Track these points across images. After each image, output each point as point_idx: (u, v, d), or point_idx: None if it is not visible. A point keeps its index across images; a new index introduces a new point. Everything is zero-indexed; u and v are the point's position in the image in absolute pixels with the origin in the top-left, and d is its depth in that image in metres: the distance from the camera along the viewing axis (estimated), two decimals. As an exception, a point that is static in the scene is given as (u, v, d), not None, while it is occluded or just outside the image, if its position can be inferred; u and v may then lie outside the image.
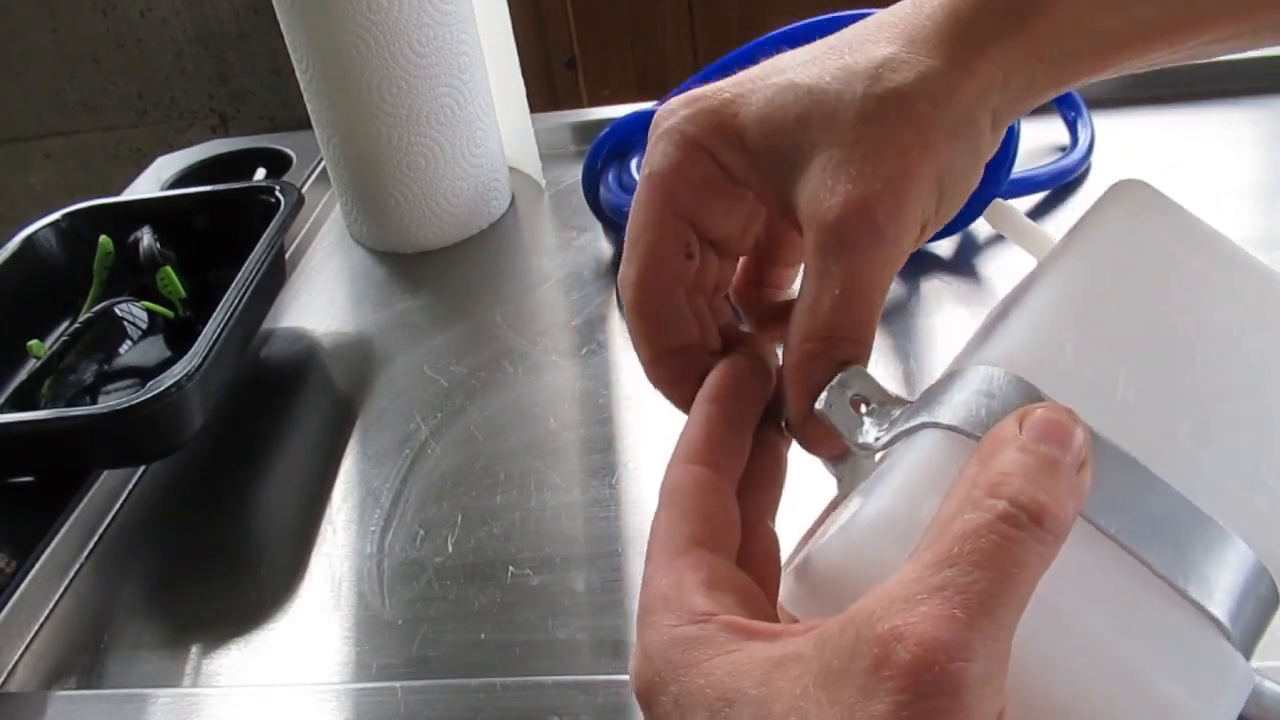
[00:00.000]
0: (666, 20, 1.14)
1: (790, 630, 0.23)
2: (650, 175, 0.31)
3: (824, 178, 0.28)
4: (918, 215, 0.28)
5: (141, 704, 0.44)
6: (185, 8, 1.17)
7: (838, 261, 0.27)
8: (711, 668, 0.23)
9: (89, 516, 0.55)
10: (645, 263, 0.31)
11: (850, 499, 0.27)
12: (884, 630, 0.20)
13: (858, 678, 0.20)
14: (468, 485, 0.53)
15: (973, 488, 0.22)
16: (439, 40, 0.67)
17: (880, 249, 0.27)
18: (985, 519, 0.21)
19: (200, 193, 0.72)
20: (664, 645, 0.24)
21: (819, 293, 0.28)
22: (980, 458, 0.22)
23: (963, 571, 0.20)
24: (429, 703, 0.41)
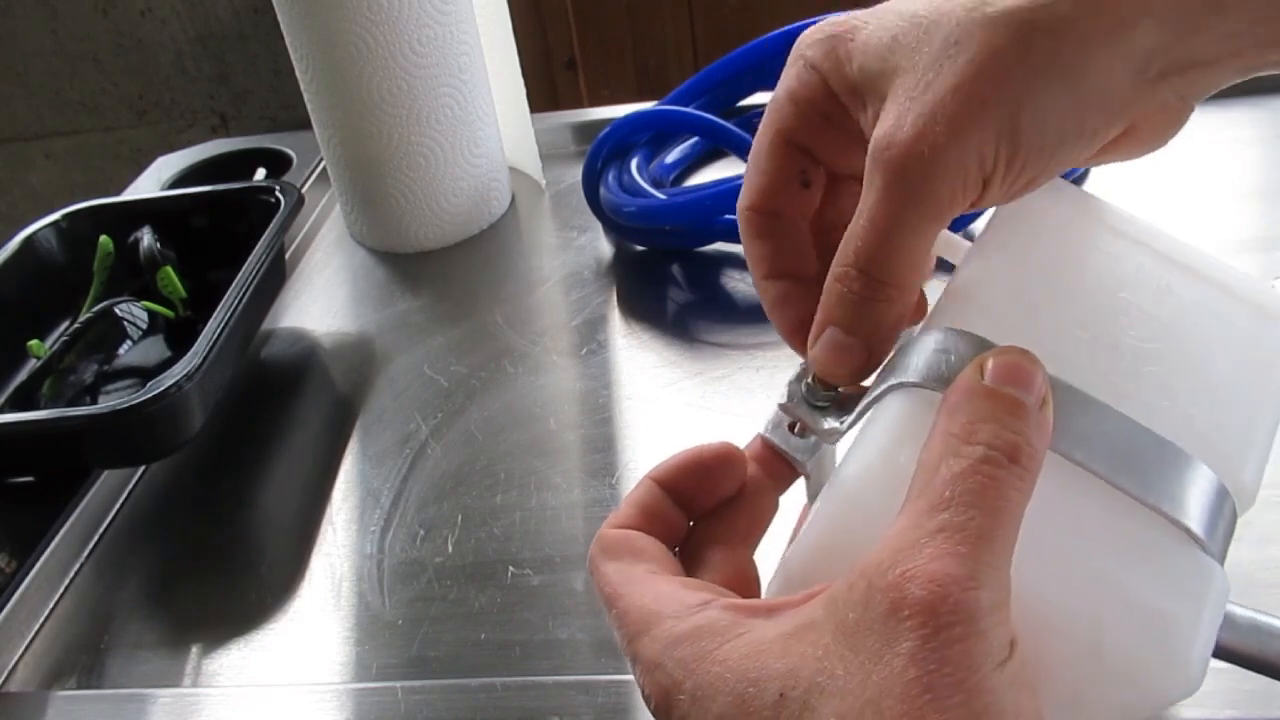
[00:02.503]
0: (666, 20, 1.14)
1: (789, 603, 0.24)
2: (770, 102, 0.30)
3: (889, 104, 0.26)
4: (974, 165, 0.25)
5: (141, 704, 0.44)
6: (185, 8, 1.17)
7: (873, 192, 0.26)
8: (725, 654, 0.23)
9: (89, 516, 0.55)
10: (754, 186, 0.31)
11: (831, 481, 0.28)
12: (895, 576, 0.21)
13: (876, 625, 0.21)
14: (468, 485, 0.53)
15: (949, 437, 0.23)
16: (439, 40, 0.67)
17: (913, 188, 0.26)
18: (966, 464, 0.22)
19: (200, 193, 0.72)
20: (668, 647, 0.24)
21: (855, 221, 0.27)
22: (949, 408, 0.23)
23: (957, 513, 0.21)
24: (429, 703, 0.41)
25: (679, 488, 0.29)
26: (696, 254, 0.67)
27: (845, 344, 0.28)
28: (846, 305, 0.27)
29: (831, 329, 0.28)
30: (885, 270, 0.27)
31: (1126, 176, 0.65)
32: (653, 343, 0.61)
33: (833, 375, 0.28)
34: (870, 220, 0.26)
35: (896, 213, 0.26)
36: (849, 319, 0.27)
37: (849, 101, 0.29)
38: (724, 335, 0.61)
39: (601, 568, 0.27)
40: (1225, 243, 0.59)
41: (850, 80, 0.28)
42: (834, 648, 0.21)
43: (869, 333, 0.27)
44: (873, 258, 0.27)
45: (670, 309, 0.65)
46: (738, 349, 0.59)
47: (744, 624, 0.23)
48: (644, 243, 0.69)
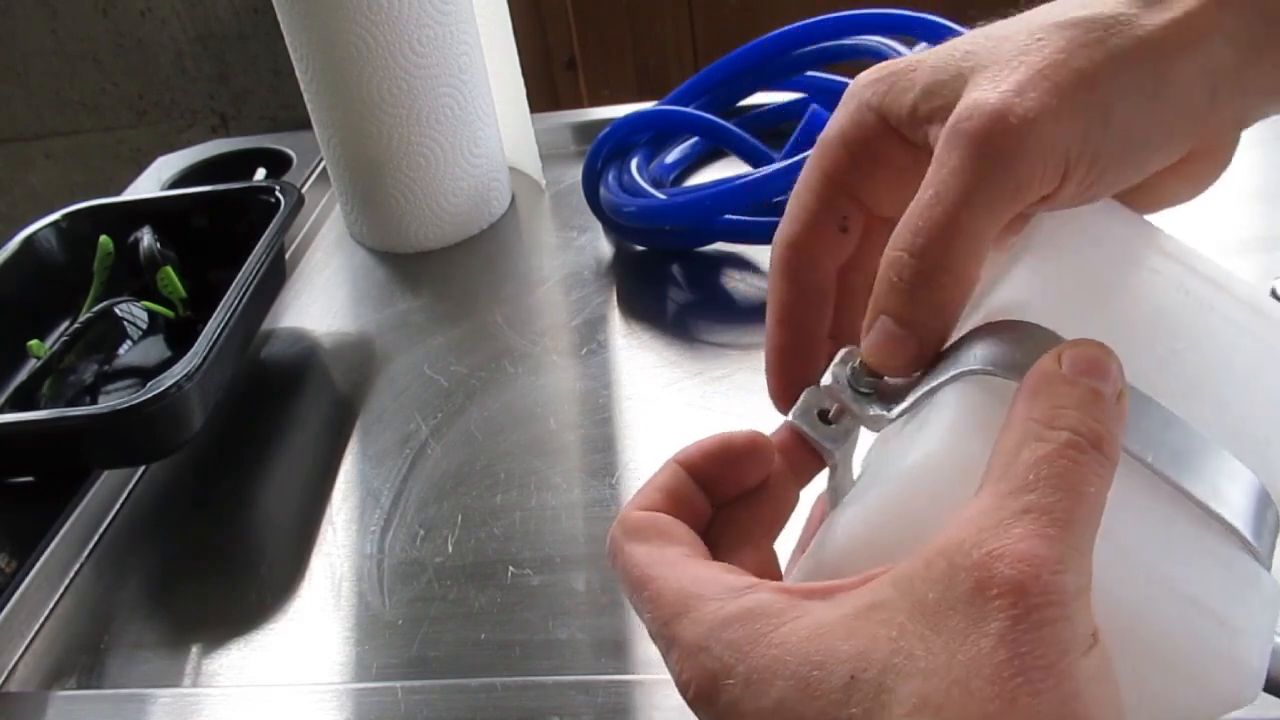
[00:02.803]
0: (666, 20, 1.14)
1: (844, 585, 0.23)
2: (818, 142, 0.30)
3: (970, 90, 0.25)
4: (1060, 150, 0.24)
5: (141, 704, 0.44)
6: (185, 8, 1.17)
7: (943, 167, 0.25)
8: (783, 636, 0.22)
9: (89, 516, 0.55)
10: (793, 223, 0.30)
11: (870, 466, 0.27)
12: (980, 555, 0.20)
13: (960, 604, 0.20)
14: (468, 485, 0.53)
15: (1030, 422, 0.22)
16: (439, 40, 0.67)
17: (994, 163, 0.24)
18: (1051, 448, 0.22)
19: (200, 193, 0.72)
20: (715, 629, 0.22)
21: (917, 201, 0.25)
22: (1028, 394, 0.23)
23: (1043, 495, 0.21)
24: (429, 703, 0.41)
25: (704, 474, 0.28)
26: (696, 254, 0.67)
27: (897, 335, 0.26)
28: (897, 294, 0.26)
29: (884, 319, 0.26)
30: (944, 256, 0.25)
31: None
32: (653, 343, 0.61)
33: (883, 365, 0.27)
34: (937, 196, 0.25)
35: (970, 189, 0.24)
36: (900, 308, 0.26)
37: (909, 129, 0.28)
38: (724, 335, 0.61)
39: (628, 550, 0.26)
40: (1225, 243, 0.59)
41: (911, 106, 0.27)
42: (911, 628, 0.20)
43: (921, 324, 0.26)
44: (932, 241, 0.25)
45: (670, 309, 0.65)
46: (738, 349, 0.59)
47: (800, 606, 0.22)
48: (644, 243, 0.69)
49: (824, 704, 0.20)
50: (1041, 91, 0.24)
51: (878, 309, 0.27)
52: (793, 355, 0.31)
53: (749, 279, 0.65)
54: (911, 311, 0.26)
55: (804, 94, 0.74)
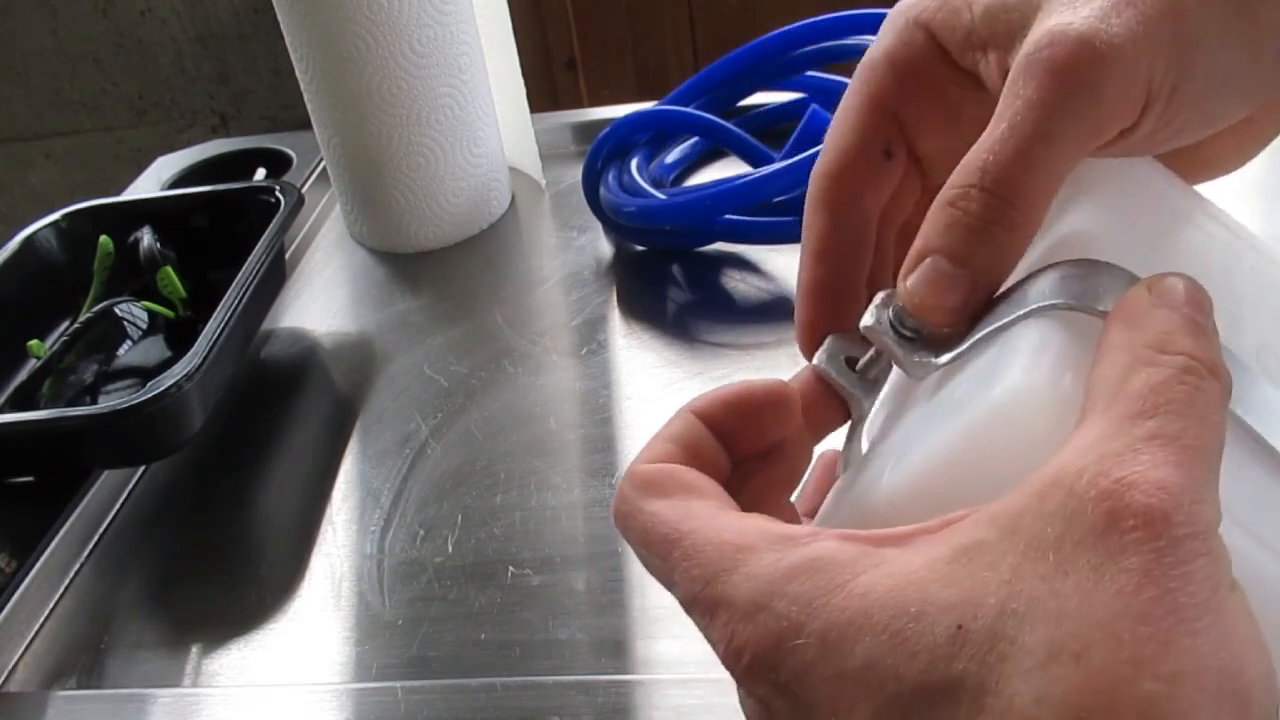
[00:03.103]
0: (666, 20, 1.14)
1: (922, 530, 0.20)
2: (862, 63, 0.28)
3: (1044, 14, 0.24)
4: (1142, 78, 0.23)
5: (141, 704, 0.44)
6: (185, 8, 1.17)
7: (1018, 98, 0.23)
8: (864, 586, 0.19)
9: (89, 516, 0.55)
10: (835, 151, 0.28)
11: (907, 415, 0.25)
12: (1109, 483, 0.18)
13: (1090, 539, 0.18)
14: (468, 485, 0.53)
15: (1137, 348, 0.20)
16: (439, 40, 0.67)
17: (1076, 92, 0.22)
18: (1169, 373, 0.20)
19: (200, 193, 0.72)
20: (776, 583, 0.20)
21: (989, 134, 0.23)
22: (1125, 321, 0.21)
23: (1168, 422, 0.19)
24: (429, 703, 0.41)
25: (722, 426, 0.26)
26: (696, 254, 0.67)
27: (950, 275, 0.24)
28: (958, 231, 0.23)
29: (935, 258, 0.24)
30: (1018, 191, 0.23)
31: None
32: (653, 343, 0.61)
33: (926, 309, 0.24)
34: (1012, 128, 0.23)
35: (1049, 122, 0.23)
36: (959, 247, 0.24)
37: (963, 54, 0.26)
38: (724, 335, 0.61)
39: (646, 507, 0.23)
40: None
41: (969, 28, 0.25)
42: (1028, 569, 0.18)
43: (981, 265, 0.24)
44: (1006, 174, 0.23)
45: (670, 309, 0.65)
46: (738, 349, 0.59)
47: (874, 554, 0.19)
48: (644, 243, 0.69)
49: (926, 660, 0.18)
50: (1127, 18, 0.22)
51: (929, 248, 0.24)
52: (827, 295, 0.28)
53: (749, 279, 0.65)
54: (972, 251, 0.24)
55: (804, 94, 0.74)
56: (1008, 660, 0.17)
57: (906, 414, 0.26)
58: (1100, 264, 0.23)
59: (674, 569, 0.22)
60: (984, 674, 0.17)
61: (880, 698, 0.18)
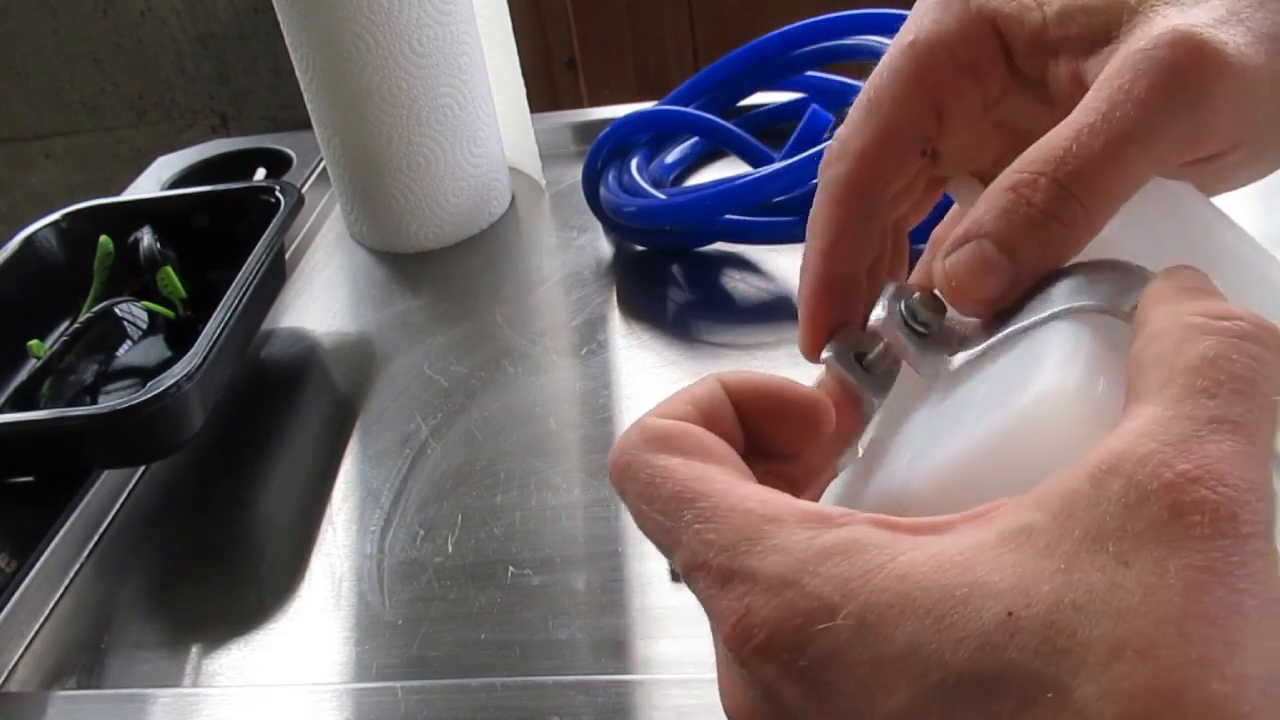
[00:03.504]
0: (666, 20, 1.14)
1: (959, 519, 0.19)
2: (913, 42, 0.25)
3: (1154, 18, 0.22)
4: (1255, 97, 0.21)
5: (141, 704, 0.44)
6: (185, 8, 1.17)
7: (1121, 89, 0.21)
8: (904, 568, 0.18)
9: (89, 516, 0.55)
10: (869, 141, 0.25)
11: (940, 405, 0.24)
12: (1174, 474, 0.17)
13: (1153, 531, 0.17)
14: (468, 485, 0.53)
15: (1187, 317, 0.19)
16: (439, 40, 0.67)
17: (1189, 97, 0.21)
18: (1229, 342, 0.18)
19: (200, 193, 0.72)
20: (810, 560, 0.18)
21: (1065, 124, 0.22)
22: (1161, 299, 0.20)
23: (1230, 404, 0.18)
24: (429, 703, 0.41)
25: (747, 412, 0.24)
26: (696, 254, 0.67)
27: (994, 263, 0.22)
28: (1015, 218, 0.22)
29: (981, 241, 0.22)
30: (1093, 189, 0.21)
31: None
32: (653, 343, 0.61)
33: (961, 295, 0.23)
34: (1108, 121, 0.21)
35: (1150, 124, 0.21)
36: (1010, 234, 0.22)
37: (1030, 57, 0.24)
38: (724, 335, 0.61)
39: (656, 460, 0.22)
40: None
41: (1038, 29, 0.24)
42: (1086, 559, 0.17)
43: (1027, 259, 0.22)
44: (1087, 168, 0.21)
45: (670, 309, 0.65)
46: (738, 349, 0.59)
47: (912, 539, 0.18)
48: (644, 243, 0.69)
49: (975, 647, 0.17)
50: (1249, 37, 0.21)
51: (979, 230, 0.23)
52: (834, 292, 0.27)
53: (749, 279, 0.65)
54: (1025, 243, 0.22)
55: (804, 94, 0.74)
56: (1068, 654, 0.16)
57: (917, 410, 0.25)
58: (1128, 265, 0.22)
59: (682, 530, 0.20)
60: (1039, 665, 0.16)
61: (921, 684, 0.17)
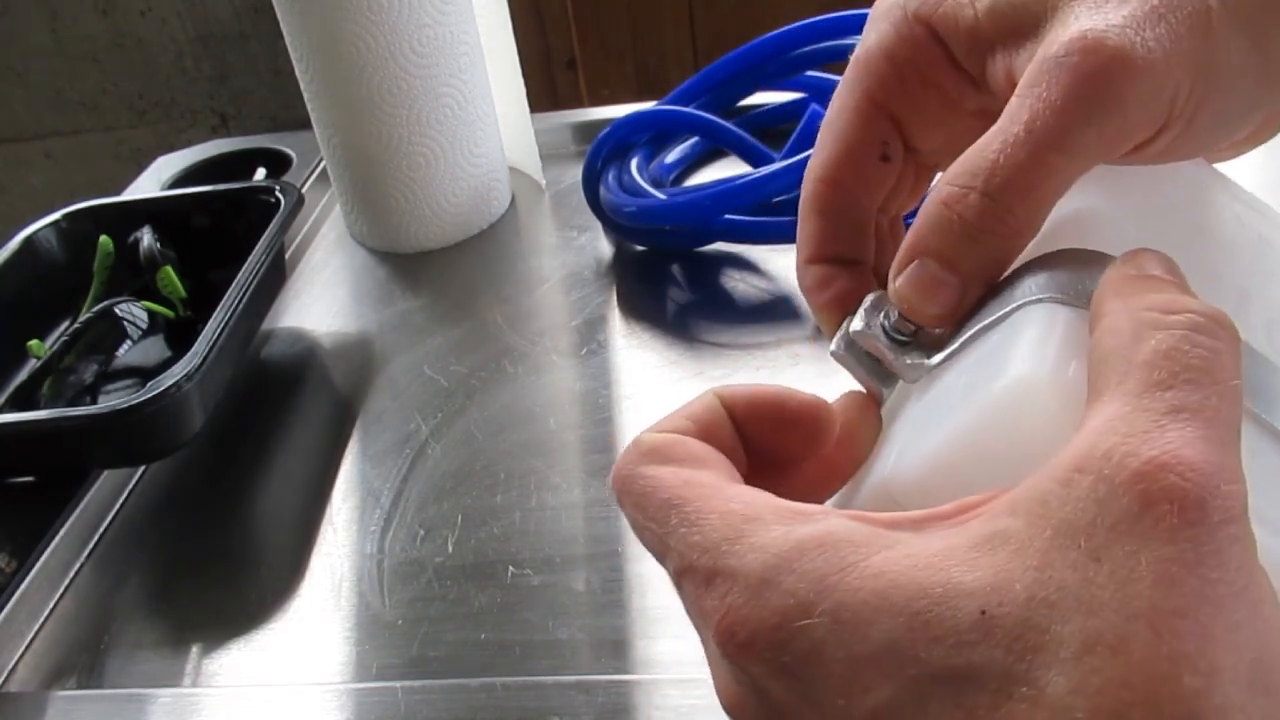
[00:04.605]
0: (666, 20, 1.14)
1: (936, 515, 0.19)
2: (857, 57, 0.26)
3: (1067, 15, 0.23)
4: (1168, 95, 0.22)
5: (141, 704, 0.44)
6: (185, 8, 1.17)
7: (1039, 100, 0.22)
8: (881, 566, 0.18)
9: (89, 516, 0.55)
10: (830, 155, 0.27)
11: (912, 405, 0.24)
12: (1140, 465, 0.17)
13: (1124, 524, 0.17)
14: (468, 485, 0.53)
15: (1138, 313, 0.19)
16: (439, 40, 0.67)
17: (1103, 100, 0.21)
18: (1179, 334, 0.18)
19: (200, 193, 0.72)
20: (786, 557, 0.18)
21: (999, 133, 0.22)
22: (1116, 292, 0.20)
23: (1187, 392, 0.18)
24: (429, 703, 0.41)
25: (746, 425, 0.24)
26: (696, 254, 0.67)
27: (939, 279, 0.23)
28: (951, 234, 0.23)
29: (924, 260, 0.23)
30: (1022, 198, 0.22)
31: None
32: (653, 343, 0.61)
33: (916, 313, 0.24)
34: (1030, 131, 0.21)
35: (1070, 130, 0.21)
36: (950, 250, 0.23)
37: (965, 51, 0.25)
38: (724, 335, 0.61)
39: (647, 471, 0.22)
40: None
41: (972, 26, 0.24)
42: (1058, 556, 0.17)
43: (972, 270, 0.23)
44: (1013, 179, 0.22)
45: (670, 309, 0.65)
46: (738, 349, 0.59)
47: (888, 535, 0.19)
48: (644, 243, 0.69)
49: (951, 645, 0.17)
50: (1159, 33, 0.21)
51: (919, 249, 0.23)
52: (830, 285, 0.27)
53: (749, 279, 0.65)
54: (965, 256, 0.23)
55: (804, 94, 0.74)
56: (1041, 651, 0.16)
57: (905, 407, 0.26)
58: (1091, 254, 0.22)
59: (670, 535, 0.21)
60: (1013, 662, 0.16)
61: (900, 681, 0.17)
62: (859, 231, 0.28)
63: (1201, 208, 0.27)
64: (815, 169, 0.27)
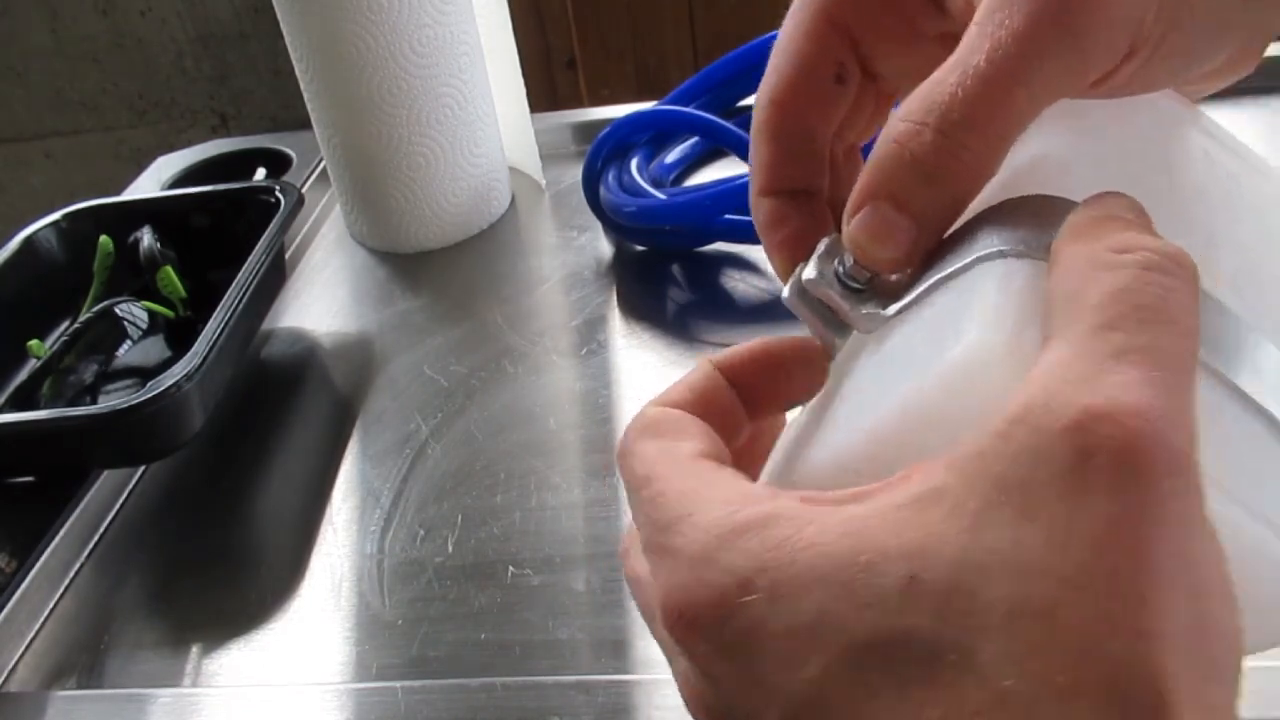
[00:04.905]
0: (666, 20, 1.14)
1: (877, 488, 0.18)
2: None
3: None
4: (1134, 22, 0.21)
5: (141, 704, 0.44)
6: (185, 8, 1.17)
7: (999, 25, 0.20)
8: (813, 536, 0.17)
9: (89, 516, 0.55)
10: (781, 76, 0.25)
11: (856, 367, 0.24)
12: (1076, 414, 0.16)
13: (1058, 480, 0.16)
14: (468, 485, 0.53)
15: (1093, 253, 0.18)
16: (439, 40, 0.67)
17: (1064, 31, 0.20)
18: (1130, 273, 0.17)
19: (200, 193, 0.72)
20: (727, 536, 0.18)
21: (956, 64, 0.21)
22: (1074, 235, 0.19)
23: (1135, 333, 0.17)
24: (429, 703, 0.41)
25: (743, 381, 0.24)
26: (696, 254, 0.67)
27: (894, 223, 0.22)
28: (904, 175, 0.21)
29: (877, 203, 0.22)
30: (980, 135, 0.21)
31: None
32: (653, 343, 0.61)
33: (870, 259, 0.23)
34: (991, 63, 0.20)
35: (1032, 60, 0.20)
36: (903, 192, 0.21)
37: None
38: (724, 335, 0.61)
39: (637, 446, 0.22)
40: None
41: None
42: (990, 516, 0.16)
43: (927, 213, 0.22)
44: (971, 114, 0.20)
45: (670, 309, 0.65)
46: (738, 349, 0.59)
47: (828, 511, 0.18)
48: (644, 243, 0.69)
49: (878, 612, 0.16)
50: None
51: (872, 192, 0.22)
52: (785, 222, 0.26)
53: (749, 279, 0.65)
54: (920, 197, 0.21)
55: (804, 94, 0.74)
56: (969, 616, 0.16)
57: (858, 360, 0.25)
58: (1054, 201, 0.21)
59: (641, 509, 0.21)
60: (940, 628, 0.16)
61: (830, 652, 0.17)
62: (812, 158, 0.26)
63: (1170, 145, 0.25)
64: (765, 91, 0.26)
